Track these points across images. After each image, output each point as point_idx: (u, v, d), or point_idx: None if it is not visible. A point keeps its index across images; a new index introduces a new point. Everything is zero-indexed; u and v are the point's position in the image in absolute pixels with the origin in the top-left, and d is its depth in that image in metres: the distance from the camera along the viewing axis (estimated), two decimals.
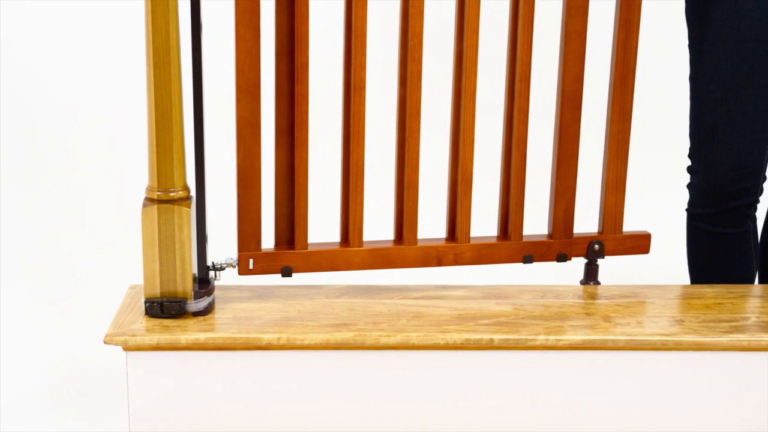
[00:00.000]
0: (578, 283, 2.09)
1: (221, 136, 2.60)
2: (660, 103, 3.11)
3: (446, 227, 2.04)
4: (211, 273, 1.93)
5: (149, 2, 1.74)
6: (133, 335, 1.81)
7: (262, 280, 2.04)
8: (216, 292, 1.96)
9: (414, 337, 1.84)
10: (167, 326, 1.84)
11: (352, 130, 1.93)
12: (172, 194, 1.82)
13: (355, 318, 1.89)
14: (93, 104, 2.98)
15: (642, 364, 1.85)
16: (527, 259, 2.04)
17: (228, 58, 2.21)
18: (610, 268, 2.33)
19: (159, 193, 1.82)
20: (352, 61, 1.90)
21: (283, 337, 1.83)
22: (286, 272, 1.96)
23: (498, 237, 2.05)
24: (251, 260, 1.95)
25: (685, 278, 2.26)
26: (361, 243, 1.98)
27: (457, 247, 2.02)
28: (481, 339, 1.84)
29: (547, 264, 2.10)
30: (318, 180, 2.51)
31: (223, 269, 1.94)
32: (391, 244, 2.00)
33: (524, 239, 2.04)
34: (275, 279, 2.00)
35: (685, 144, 2.09)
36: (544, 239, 2.05)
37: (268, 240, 1.99)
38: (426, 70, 2.00)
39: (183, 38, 1.80)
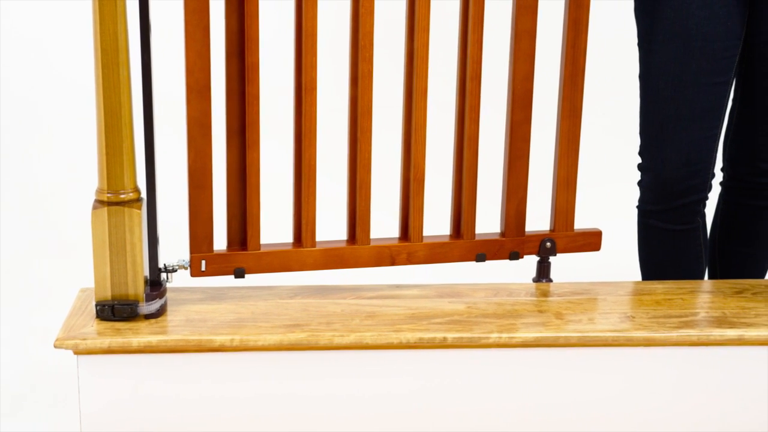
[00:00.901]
0: (531, 281, 2.10)
1: (172, 137, 2.58)
2: (610, 101, 3.14)
3: (399, 227, 2.05)
4: (163, 275, 1.92)
5: (97, 3, 1.73)
6: (84, 339, 1.79)
7: (215, 282, 2.03)
8: (168, 294, 1.95)
9: (368, 337, 1.84)
10: (119, 329, 1.82)
11: (303, 130, 1.93)
12: (122, 196, 1.81)
13: (309, 318, 1.89)
14: (43, 105, 2.95)
15: (594, 361, 1.87)
16: (480, 258, 2.05)
17: (178, 59, 2.19)
18: (563, 265, 2.35)
19: (109, 195, 1.81)
20: (303, 61, 1.90)
21: (236, 338, 1.82)
22: (239, 273, 1.95)
23: (451, 236, 2.06)
24: (203, 262, 1.93)
25: (636, 275, 2.28)
26: (314, 243, 1.98)
27: (410, 246, 2.02)
28: (435, 338, 1.84)
29: (499, 262, 2.12)
30: (270, 180, 2.51)
31: (175, 271, 1.93)
32: (344, 244, 2.00)
33: (477, 238, 2.04)
34: (228, 280, 1.99)
35: (636, 142, 2.11)
36: (497, 237, 2.06)
37: (220, 241, 1.98)
38: (377, 70, 2.00)
39: (132, 39, 1.78)
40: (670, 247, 2.12)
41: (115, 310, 1.84)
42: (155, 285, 1.89)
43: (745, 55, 2.03)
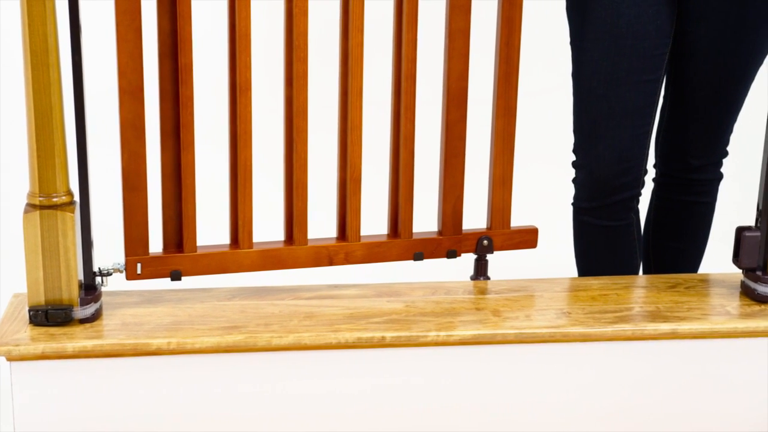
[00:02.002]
0: (468, 279, 2.12)
1: (105, 140, 2.55)
2: (544, 99, 3.17)
3: (336, 227, 2.05)
4: (98, 279, 1.90)
5: (25, 4, 1.70)
6: (17, 345, 1.76)
7: (151, 285, 2.01)
8: (104, 298, 1.93)
9: (306, 338, 1.83)
10: (53, 334, 1.80)
11: (239, 131, 1.92)
12: (54, 199, 1.79)
13: (246, 320, 1.88)
14: None
15: (531, 357, 1.88)
16: (417, 257, 2.06)
17: (110, 60, 2.17)
18: (500, 263, 2.36)
19: (41, 198, 1.78)
20: (237, 61, 1.89)
21: (173, 341, 1.80)
22: (176, 276, 1.94)
23: (388, 235, 2.06)
24: (139, 265, 1.92)
25: (572, 271, 2.30)
26: (251, 244, 1.97)
27: (347, 246, 2.02)
28: (373, 337, 1.84)
29: (437, 261, 2.12)
30: (206, 182, 2.49)
31: (110, 275, 1.91)
32: (281, 245, 2.00)
33: (414, 237, 2.05)
34: (165, 283, 1.97)
35: (570, 139, 2.13)
36: (434, 236, 2.06)
37: (156, 244, 1.97)
38: (312, 70, 1.99)
39: (62, 40, 1.76)
40: (605, 243, 2.15)
41: (48, 315, 1.82)
42: (90, 289, 1.87)
43: (675, 53, 2.06)
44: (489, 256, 2.11)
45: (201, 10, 2.37)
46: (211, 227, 2.37)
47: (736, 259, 1.99)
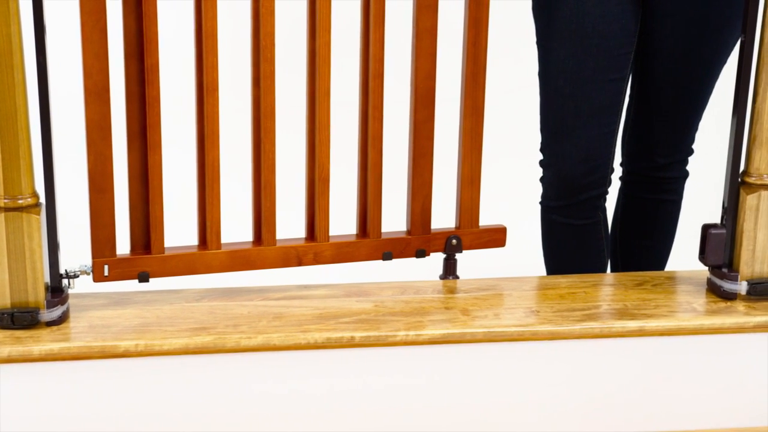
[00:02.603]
0: (438, 278, 2.12)
1: (71, 141, 2.53)
2: (512, 98, 3.18)
3: (305, 227, 2.04)
4: (65, 281, 1.88)
5: None
6: None
7: (119, 287, 2.00)
8: (70, 301, 1.91)
9: (275, 338, 1.83)
10: (19, 337, 1.79)
11: (206, 131, 1.91)
12: (20, 201, 1.77)
13: (215, 321, 1.87)
14: None
15: (500, 355, 1.89)
16: (386, 256, 2.06)
17: (75, 61, 2.15)
18: (469, 262, 2.37)
19: (6, 200, 1.77)
20: (204, 62, 1.88)
21: (141, 343, 1.79)
22: (143, 278, 1.93)
23: (357, 235, 2.06)
24: (106, 267, 1.91)
25: (540, 270, 2.31)
26: (219, 246, 1.96)
27: (316, 246, 2.02)
28: (342, 337, 1.84)
29: (406, 260, 2.12)
30: (173, 183, 2.48)
31: (77, 277, 1.89)
32: (250, 246, 1.99)
33: (383, 236, 2.05)
34: (133, 285, 1.96)
35: (538, 138, 2.14)
36: (403, 236, 2.07)
37: (123, 245, 1.95)
38: (279, 70, 1.99)
39: (26, 41, 1.74)
40: (573, 241, 2.16)
41: (14, 318, 1.80)
42: (56, 291, 1.86)
43: (640, 52, 2.08)
44: (458, 256, 2.11)
45: (167, 10, 2.36)
46: (179, 228, 2.36)
47: (702, 256, 2.00)
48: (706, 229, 1.99)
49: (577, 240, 2.15)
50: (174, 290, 2.00)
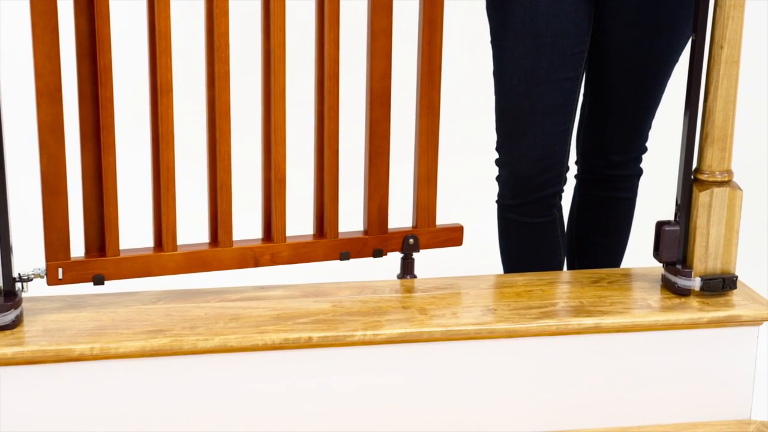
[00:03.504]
0: (395, 278, 2.12)
1: (23, 142, 2.50)
2: (468, 97, 3.19)
3: (262, 227, 2.03)
4: (18, 284, 1.86)
5: None
6: None
7: (73, 290, 1.98)
8: (24, 304, 1.89)
9: (232, 340, 1.82)
10: None
11: (160, 132, 1.90)
12: None
13: (172, 323, 1.86)
14: None
15: (458, 354, 1.89)
16: (344, 256, 2.06)
17: (26, 62, 2.13)
18: (426, 261, 2.37)
19: None
20: (158, 62, 1.87)
21: (96, 346, 1.78)
22: (98, 280, 1.91)
23: (314, 235, 2.06)
24: (60, 269, 1.89)
25: (497, 268, 2.32)
26: (175, 247, 1.95)
27: (273, 247, 2.01)
28: (300, 338, 1.84)
29: (364, 260, 2.12)
30: (128, 184, 2.46)
31: (31, 280, 1.87)
32: (206, 247, 1.98)
33: (340, 236, 2.05)
34: (88, 288, 1.94)
35: (493, 137, 2.14)
36: (360, 236, 2.06)
37: (78, 248, 1.93)
38: (234, 70, 1.98)
39: None
40: (529, 239, 2.17)
41: None
42: (10, 295, 1.84)
43: (593, 51, 2.09)
44: (415, 255, 2.11)
45: (119, 10, 2.34)
46: (134, 230, 2.34)
47: (657, 253, 2.02)
48: (660, 226, 2.01)
49: (534, 238, 2.17)
50: (130, 293, 1.98)
